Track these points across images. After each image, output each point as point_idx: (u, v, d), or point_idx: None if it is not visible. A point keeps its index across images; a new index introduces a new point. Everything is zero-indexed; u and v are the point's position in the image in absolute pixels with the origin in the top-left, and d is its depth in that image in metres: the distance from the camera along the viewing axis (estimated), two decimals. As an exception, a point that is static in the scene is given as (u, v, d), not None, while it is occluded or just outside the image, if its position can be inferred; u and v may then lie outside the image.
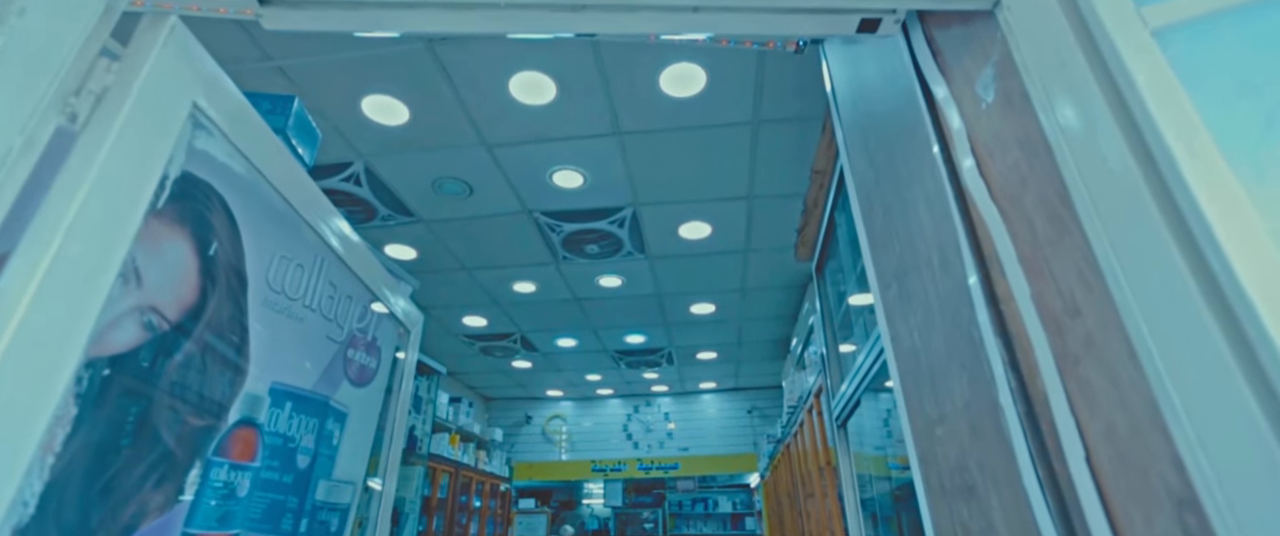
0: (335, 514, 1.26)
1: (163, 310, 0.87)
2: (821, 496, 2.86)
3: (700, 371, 6.85)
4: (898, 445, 2.22)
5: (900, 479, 1.98)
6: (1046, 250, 0.64)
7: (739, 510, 8.77)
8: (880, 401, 2.25)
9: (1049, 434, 0.62)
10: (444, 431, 5.45)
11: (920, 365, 0.97)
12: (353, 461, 1.33)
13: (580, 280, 4.35)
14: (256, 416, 1.03)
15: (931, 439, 0.93)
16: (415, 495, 1.73)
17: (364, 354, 1.39)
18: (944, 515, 0.89)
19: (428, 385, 1.91)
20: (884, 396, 2.25)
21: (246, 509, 1.00)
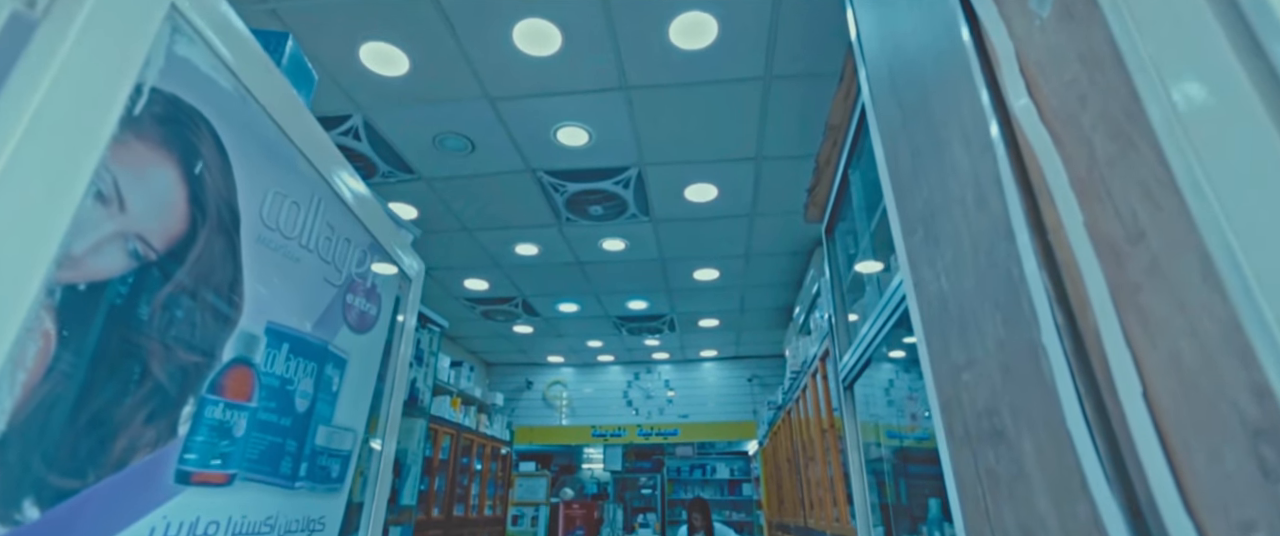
0: (336, 460, 1.24)
1: (149, 239, 0.82)
2: (823, 460, 2.86)
3: (701, 339, 6.85)
4: (896, 413, 2.20)
5: (898, 445, 1.97)
6: (1105, 171, 0.59)
7: (736, 476, 8.90)
8: (881, 371, 2.22)
9: (1100, 369, 0.58)
10: (445, 394, 5.48)
11: (947, 310, 0.92)
12: (353, 409, 1.30)
13: (583, 243, 4.30)
14: (252, 356, 0.99)
15: (956, 385, 0.89)
16: (417, 448, 1.71)
17: (364, 300, 1.35)
18: (967, 462, 0.86)
19: (429, 339, 1.88)
20: (885, 366, 2.22)
21: (243, 449, 0.97)
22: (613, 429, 7.63)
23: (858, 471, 2.06)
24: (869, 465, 2.10)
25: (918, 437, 2.05)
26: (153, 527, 0.82)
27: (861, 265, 2.40)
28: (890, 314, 1.39)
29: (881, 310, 1.48)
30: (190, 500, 0.88)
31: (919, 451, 1.86)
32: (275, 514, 1.04)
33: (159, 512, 0.83)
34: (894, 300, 1.34)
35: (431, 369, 1.86)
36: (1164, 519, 0.51)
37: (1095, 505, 0.58)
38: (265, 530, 1.01)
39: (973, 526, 0.84)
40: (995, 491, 0.78)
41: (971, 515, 0.84)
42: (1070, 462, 0.62)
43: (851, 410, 2.19)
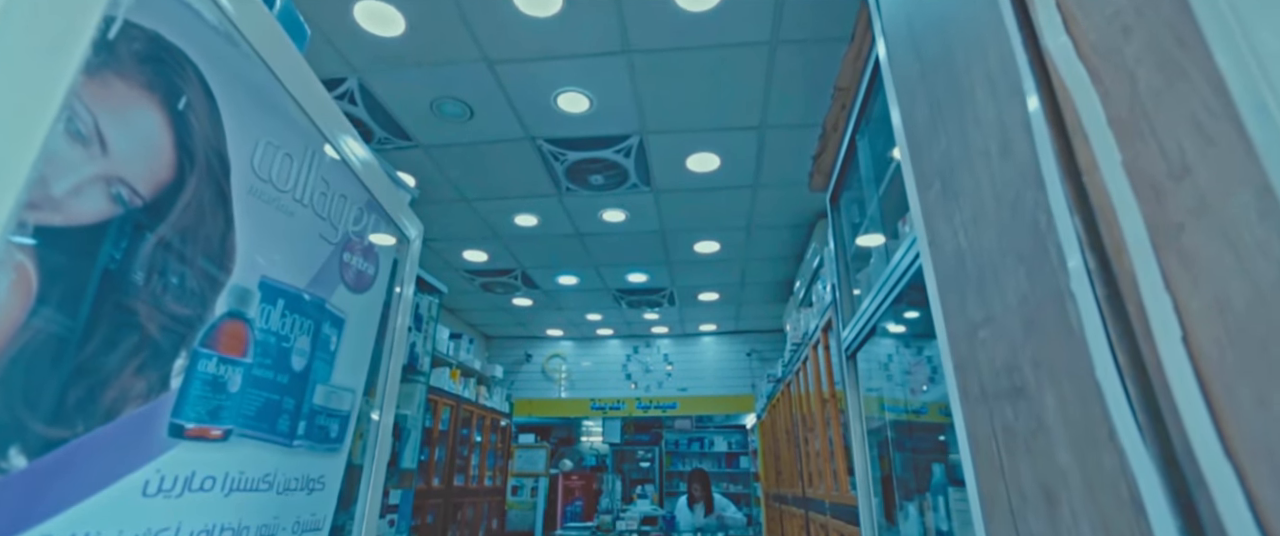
0: (334, 420, 1.22)
1: (133, 184, 0.78)
2: (824, 430, 2.87)
3: (701, 313, 6.85)
4: (894, 386, 2.19)
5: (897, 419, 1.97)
6: (1149, 106, 0.55)
7: (734, 449, 9.00)
8: (879, 346, 2.21)
9: (1135, 314, 0.55)
10: (444, 365, 5.49)
11: (964, 267, 0.89)
12: (352, 369, 1.28)
13: (583, 214, 4.25)
14: (246, 310, 0.96)
15: (973, 343, 0.86)
16: (417, 413, 1.70)
17: (361, 259, 1.31)
18: (982, 421, 0.84)
19: (428, 304, 1.85)
20: (884, 341, 2.21)
21: (239, 405, 0.95)
22: (612, 402, 7.68)
23: (859, 441, 2.06)
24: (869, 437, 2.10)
25: (916, 411, 2.05)
26: (147, 480, 0.80)
27: (864, 238, 2.36)
28: (900, 276, 1.37)
29: (890, 273, 1.45)
30: (185, 454, 0.86)
31: (919, 424, 1.85)
32: (273, 471, 1.02)
33: (152, 465, 0.81)
34: (905, 261, 1.31)
35: (430, 334, 1.83)
36: (1201, 465, 0.49)
37: (1124, 454, 0.56)
38: (263, 487, 1.00)
39: (986, 484, 0.83)
40: (1011, 448, 0.76)
41: (985, 473, 0.83)
42: (1096, 413, 0.60)
43: (854, 380, 2.17)
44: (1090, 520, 0.62)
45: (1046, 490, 0.69)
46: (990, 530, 0.81)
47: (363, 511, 1.25)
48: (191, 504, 0.85)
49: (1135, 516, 0.55)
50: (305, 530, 1.11)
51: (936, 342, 1.66)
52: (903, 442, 1.96)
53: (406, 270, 1.47)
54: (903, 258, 1.35)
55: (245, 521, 0.94)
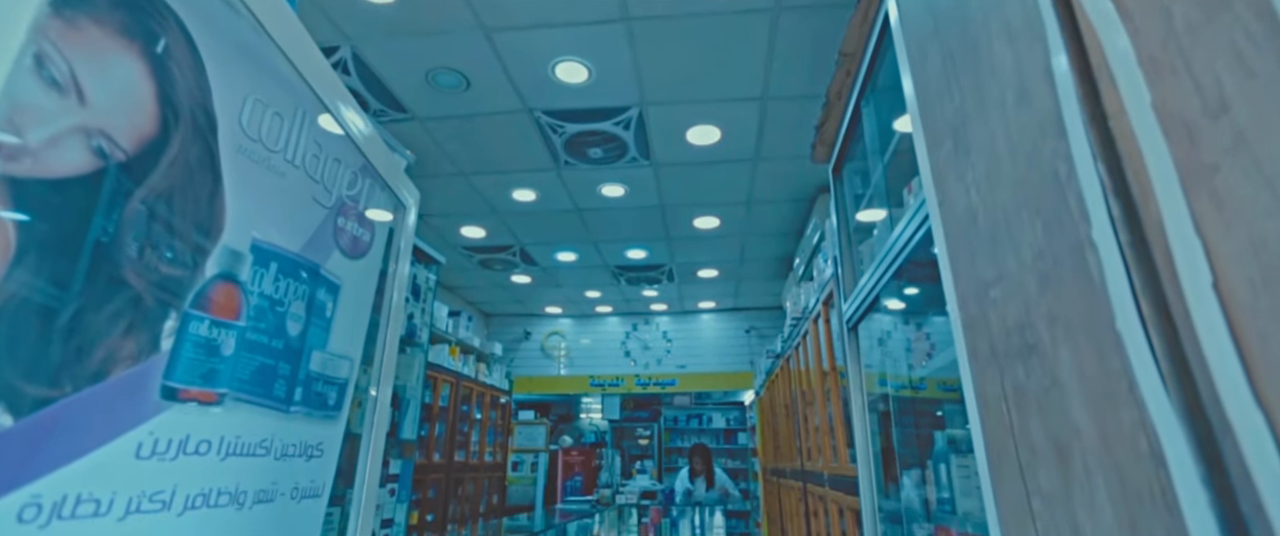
0: (332, 387, 1.20)
1: (114, 136, 0.75)
2: (823, 404, 2.87)
3: (700, 290, 6.84)
4: (896, 362, 2.19)
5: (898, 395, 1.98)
6: (1185, 41, 0.52)
7: (732, 426, 9.08)
8: (878, 322, 2.19)
9: (1162, 261, 0.53)
10: (444, 342, 5.49)
11: (975, 224, 0.87)
12: (349, 336, 1.26)
13: (582, 188, 4.21)
14: (237, 272, 0.94)
15: (983, 303, 0.84)
16: (416, 383, 1.68)
17: (356, 224, 1.29)
18: (991, 382, 0.82)
19: (426, 275, 1.83)
20: (880, 316, 2.19)
21: (233, 369, 0.93)
22: (611, 379, 7.72)
23: (860, 412, 2.06)
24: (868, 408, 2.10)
25: (916, 386, 2.06)
26: (139, 443, 0.78)
27: (865, 213, 2.34)
28: (907, 242, 1.34)
29: (896, 240, 1.42)
30: (178, 417, 0.84)
31: (919, 399, 1.85)
32: (270, 437, 1.01)
33: (145, 428, 0.79)
34: (913, 226, 1.29)
35: (428, 306, 1.81)
36: (1228, 414, 0.47)
37: (1143, 407, 0.54)
38: (261, 452, 0.98)
39: (994, 444, 0.81)
40: (1022, 407, 0.75)
41: (994, 434, 0.81)
42: (1115, 367, 0.58)
43: (855, 352, 2.16)
44: (1105, 474, 0.60)
45: (1058, 446, 0.67)
46: (998, 488, 0.80)
47: (363, 478, 1.25)
48: (186, 467, 0.84)
49: (1155, 469, 0.54)
50: (304, 496, 1.11)
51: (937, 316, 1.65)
52: (902, 417, 1.96)
53: (403, 238, 1.44)
54: (910, 222, 1.33)
55: (242, 486, 0.93)
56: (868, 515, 1.94)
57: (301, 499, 1.10)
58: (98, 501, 0.72)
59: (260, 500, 0.97)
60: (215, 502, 0.88)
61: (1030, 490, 0.73)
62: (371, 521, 1.25)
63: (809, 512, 3.41)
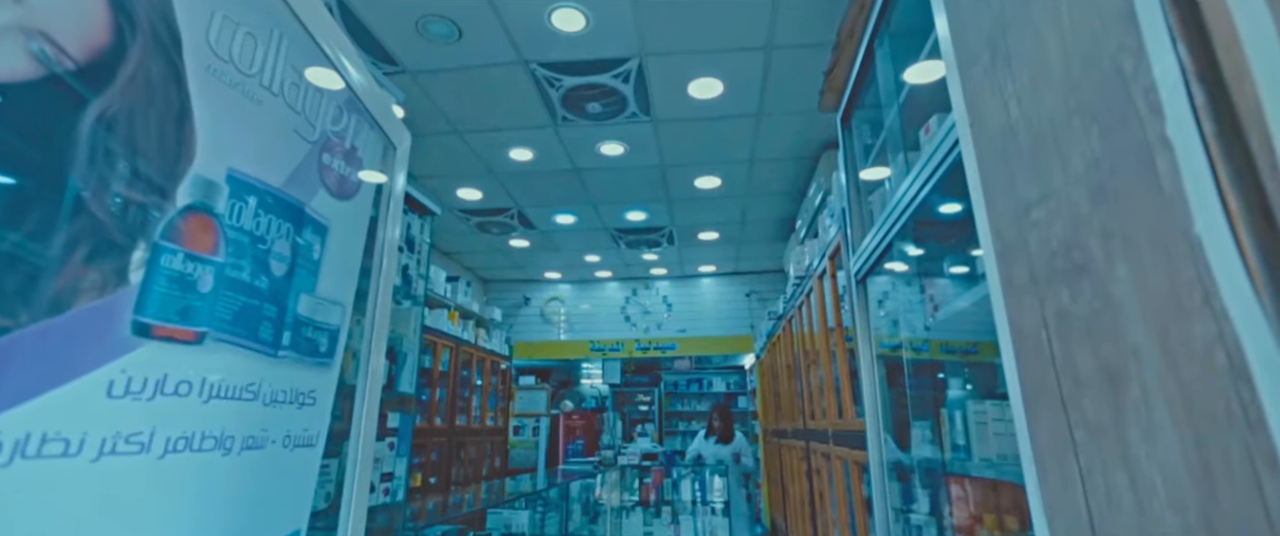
0: (323, 333, 1.15)
1: (58, 40, 0.67)
2: (828, 361, 2.84)
3: (700, 253, 6.78)
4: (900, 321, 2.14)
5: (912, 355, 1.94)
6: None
7: (732, 390, 9.14)
8: (875, 285, 2.14)
9: (1261, 149, 0.46)
10: (442, 307, 5.45)
11: (1015, 141, 0.79)
12: (339, 281, 1.20)
13: (580, 147, 4.10)
14: (212, 204, 0.87)
15: (1022, 227, 0.78)
16: (413, 335, 1.63)
17: (342, 163, 1.21)
18: (1028, 311, 0.76)
19: (421, 225, 1.76)
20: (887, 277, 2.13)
21: (213, 307, 0.86)
22: (611, 344, 7.72)
23: (868, 365, 2.02)
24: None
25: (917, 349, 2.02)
26: (112, 380, 0.73)
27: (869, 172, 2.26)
28: (928, 179, 1.27)
29: (916, 179, 1.35)
30: (154, 355, 0.78)
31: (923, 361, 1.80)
32: (258, 381, 0.95)
33: (116, 365, 0.73)
34: (933, 164, 1.21)
35: (424, 257, 1.75)
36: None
37: (1225, 318, 0.48)
38: (247, 396, 0.93)
39: (1031, 378, 0.76)
40: (1065, 334, 0.69)
41: (1030, 366, 0.76)
42: (1187, 277, 0.52)
43: (863, 305, 2.11)
44: (1167, 396, 0.55)
45: (1110, 371, 0.62)
46: (1033, 424, 0.75)
47: (359, 429, 1.20)
48: (165, 408, 0.78)
49: (1233, 385, 0.48)
50: (298, 445, 1.06)
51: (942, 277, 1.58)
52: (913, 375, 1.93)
53: (394, 178, 1.37)
54: (929, 161, 1.25)
55: (228, 430, 0.88)
56: (876, 467, 1.92)
57: (294, 447, 1.05)
58: (67, 441, 0.67)
59: (249, 446, 0.92)
60: (199, 447, 0.83)
61: (1073, 422, 0.68)
62: (369, 473, 1.21)
63: (811, 470, 3.42)
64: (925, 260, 1.72)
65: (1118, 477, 0.61)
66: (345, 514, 1.13)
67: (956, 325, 1.66)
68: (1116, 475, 0.61)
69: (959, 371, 1.55)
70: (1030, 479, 0.76)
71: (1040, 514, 0.74)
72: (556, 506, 3.91)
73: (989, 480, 1.46)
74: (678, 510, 4.90)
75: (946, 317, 1.57)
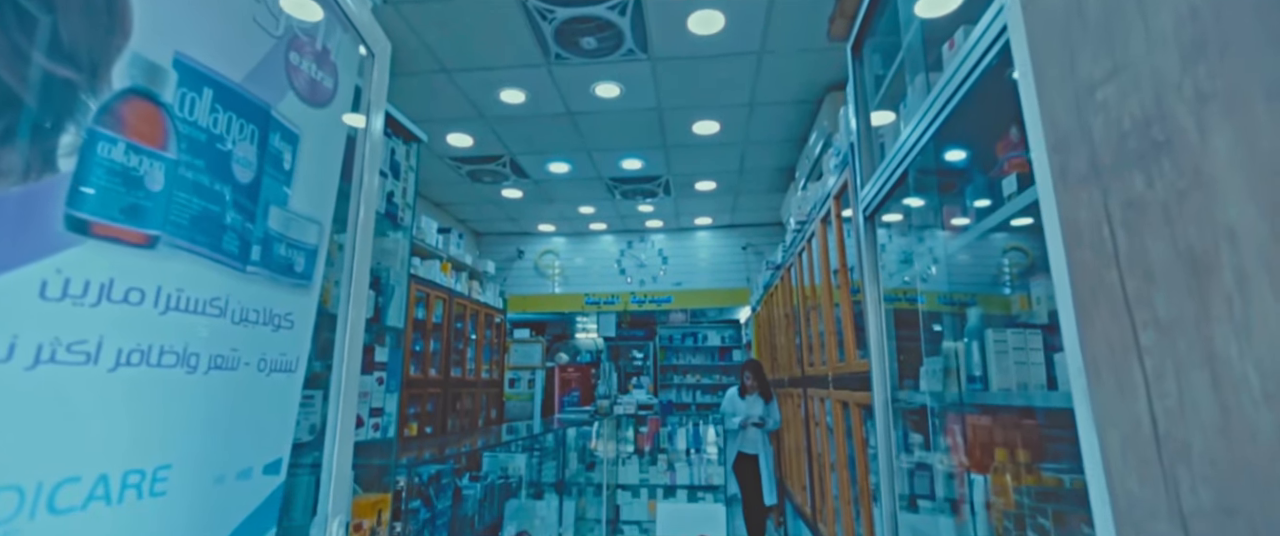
0: (299, 252, 1.05)
1: None
2: (829, 305, 2.78)
3: (697, 205, 6.66)
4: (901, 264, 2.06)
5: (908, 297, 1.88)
6: None
7: (727, 344, 9.18)
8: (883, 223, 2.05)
9: None
10: (434, 258, 5.34)
11: (1080, 16, 0.69)
12: (314, 198, 1.10)
13: (574, 88, 3.93)
14: (156, 90, 0.76)
15: (1084, 110, 0.68)
16: (401, 268, 1.54)
17: (313, 65, 1.09)
18: (1087, 206, 0.68)
19: (407, 151, 1.65)
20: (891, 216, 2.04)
21: (166, 209, 0.77)
22: (606, 297, 7.68)
23: (875, 303, 1.95)
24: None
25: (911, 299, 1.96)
26: (44, 280, 0.63)
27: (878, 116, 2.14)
28: (956, 89, 1.17)
29: (939, 92, 1.25)
30: (95, 255, 0.69)
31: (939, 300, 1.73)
32: (224, 296, 0.86)
33: (49, 262, 0.64)
34: (966, 67, 1.10)
35: (410, 185, 1.64)
36: None
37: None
38: (213, 312, 0.84)
39: (1085, 280, 0.68)
40: (1136, 224, 0.60)
41: (1085, 267, 0.68)
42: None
43: (872, 242, 2.03)
44: (1274, 278, 0.47)
45: (1194, 261, 0.54)
46: (1087, 331, 0.68)
47: (342, 356, 1.12)
48: (113, 316, 0.70)
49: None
50: (274, 370, 0.98)
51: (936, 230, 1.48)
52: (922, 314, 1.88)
53: (374, 92, 1.25)
54: (962, 66, 1.14)
55: (192, 348, 0.80)
56: (880, 406, 1.88)
57: (271, 372, 0.97)
58: (-9, 343, 0.58)
59: (218, 366, 0.84)
60: (157, 361, 0.75)
61: (1138, 323, 0.61)
62: (354, 404, 1.14)
63: (808, 416, 3.41)
64: (943, 190, 1.63)
65: (1195, 378, 0.54)
66: (330, 445, 1.06)
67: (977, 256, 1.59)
68: (1194, 376, 0.54)
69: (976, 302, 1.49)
70: (1079, 391, 0.69)
71: (1089, 428, 0.68)
72: (553, 455, 3.92)
73: (1000, 414, 1.42)
74: (673, 459, 4.95)
75: (964, 248, 1.50)
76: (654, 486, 4.75)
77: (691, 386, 9.04)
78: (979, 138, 1.51)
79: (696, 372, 9.10)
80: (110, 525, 0.69)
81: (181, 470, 0.78)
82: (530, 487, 3.33)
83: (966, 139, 1.52)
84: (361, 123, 1.24)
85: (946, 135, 1.43)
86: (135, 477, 0.72)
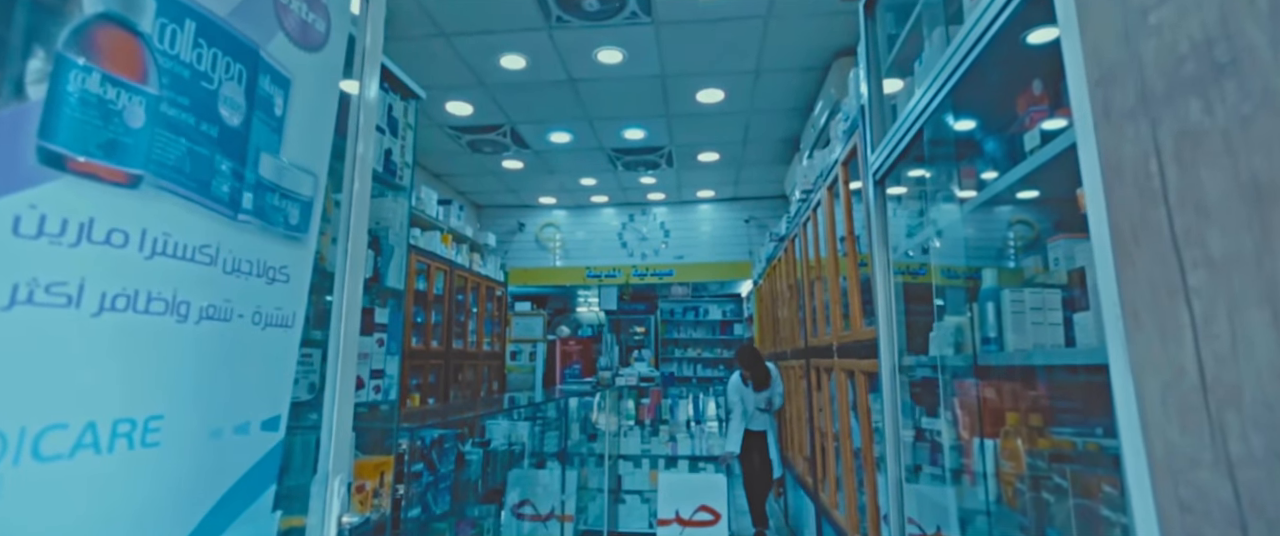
0: (293, 203, 1.01)
1: None
2: (835, 274, 2.75)
3: (699, 177, 6.58)
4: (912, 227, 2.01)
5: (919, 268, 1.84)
6: None
7: (728, 318, 9.18)
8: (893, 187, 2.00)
9: None
10: (434, 229, 5.30)
11: (1132, -68, 0.63)
12: (308, 148, 1.05)
13: (576, 53, 3.83)
14: (132, 18, 0.71)
15: (1133, 38, 0.63)
16: (400, 229, 1.50)
17: (305, 7, 1.03)
18: (1132, 141, 0.63)
19: (405, 108, 1.59)
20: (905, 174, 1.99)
21: (149, 147, 0.72)
22: (607, 270, 7.64)
23: (884, 270, 1.91)
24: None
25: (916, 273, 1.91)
26: (17, 216, 0.59)
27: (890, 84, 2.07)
28: (981, 35, 1.11)
29: (961, 42, 1.19)
30: (73, 193, 0.65)
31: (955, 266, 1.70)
32: (214, 244, 0.82)
33: (21, 197, 0.60)
34: (992, 11, 1.04)
35: (408, 142, 1.59)
36: None
37: None
38: (203, 260, 0.80)
39: (1126, 218, 0.64)
40: (1188, 158, 0.56)
41: (1127, 205, 0.64)
42: None
43: (881, 206, 1.99)
44: (1354, 203, 0.43)
45: (1258, 189, 0.50)
46: (1127, 273, 0.64)
47: (340, 312, 1.09)
48: (95, 257, 0.66)
49: None
50: (270, 324, 0.95)
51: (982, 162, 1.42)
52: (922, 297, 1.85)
53: (369, 40, 1.19)
54: (982, 16, 1.08)
55: (181, 295, 0.76)
56: (888, 372, 1.85)
57: (267, 326, 0.94)
58: (-39, 280, 0.55)
59: (210, 317, 0.81)
60: (145, 308, 0.71)
61: (1187, 263, 0.57)
62: (354, 360, 1.11)
63: (811, 386, 3.41)
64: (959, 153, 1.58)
65: (1251, 318, 0.50)
66: (330, 402, 1.04)
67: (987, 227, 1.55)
68: (1249, 315, 0.51)
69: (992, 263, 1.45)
70: (1115, 339, 0.66)
71: (1125, 376, 0.64)
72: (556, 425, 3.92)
73: (1015, 377, 1.39)
74: (674, 430, 4.97)
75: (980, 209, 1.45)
76: (655, 457, 4.77)
77: (692, 360, 9.06)
78: (999, 94, 1.45)
79: (697, 346, 9.12)
80: (101, 474, 0.66)
81: (175, 422, 0.76)
82: (532, 457, 3.34)
83: (986, 96, 1.47)
84: (354, 86, 1.19)
85: (965, 91, 1.37)
86: (126, 427, 0.69)
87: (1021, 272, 1.46)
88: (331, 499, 1.01)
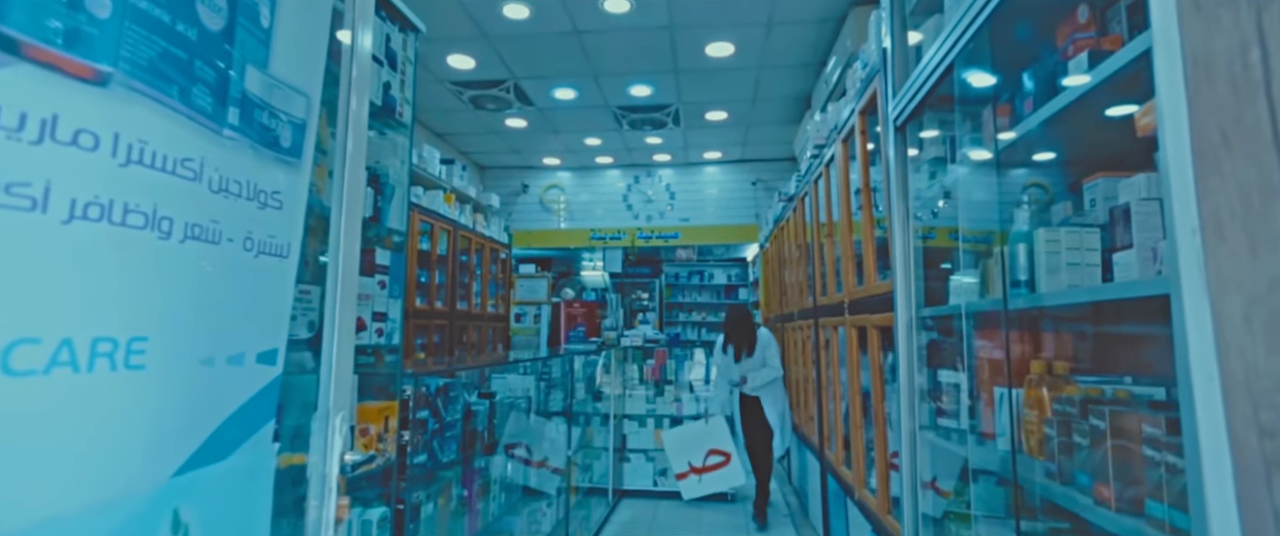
0: (285, 123, 0.94)
1: None
2: (848, 228, 2.67)
3: (707, 137, 6.45)
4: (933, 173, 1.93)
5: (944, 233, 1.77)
6: None
7: (733, 282, 9.15)
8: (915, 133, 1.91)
9: None
10: (438, 189, 5.22)
11: None
12: (299, 66, 0.98)
13: (581, 1, 3.68)
14: (95, -110, 0.63)
15: (1235, -94, 0.55)
16: (401, 168, 1.43)
17: (289, -94, 0.94)
18: (1227, 31, 0.56)
19: (404, 41, 1.50)
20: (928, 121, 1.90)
21: (117, 42, 0.65)
22: (612, 232, 7.57)
23: (902, 221, 1.84)
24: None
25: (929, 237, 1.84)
26: (-34, 103, 0.53)
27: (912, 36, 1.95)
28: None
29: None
30: (31, 83, 0.58)
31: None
32: (198, 158, 0.76)
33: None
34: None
35: (408, 77, 1.51)
36: None
37: None
38: (185, 175, 0.74)
39: (1211, 120, 0.57)
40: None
41: (1216, 104, 0.56)
42: None
43: (901, 154, 1.90)
44: None
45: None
46: (1210, 181, 0.57)
47: (338, 246, 1.03)
48: (61, 158, 0.59)
49: None
50: (263, 252, 0.89)
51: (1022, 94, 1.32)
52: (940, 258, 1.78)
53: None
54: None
55: (162, 210, 0.70)
56: (903, 325, 1.80)
57: (259, 254, 0.88)
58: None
59: (195, 237, 0.75)
60: (121, 220, 0.65)
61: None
62: (353, 303, 1.06)
63: (819, 344, 3.37)
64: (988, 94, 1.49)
65: (1373, 214, 0.44)
66: (330, 336, 0.99)
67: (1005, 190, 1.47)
68: (1370, 211, 0.44)
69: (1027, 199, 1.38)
70: (1189, 256, 0.60)
71: (1200, 294, 0.58)
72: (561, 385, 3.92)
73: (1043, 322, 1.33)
74: (679, 391, 4.97)
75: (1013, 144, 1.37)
76: (661, 416, 4.79)
77: (697, 324, 9.07)
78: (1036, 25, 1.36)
79: (702, 310, 9.11)
80: (80, 393, 0.61)
81: (161, 345, 0.70)
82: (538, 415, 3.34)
83: (1021, 29, 1.37)
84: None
85: (999, 23, 1.28)
86: (106, 346, 0.64)
87: (1050, 215, 1.39)
88: (333, 435, 0.97)
